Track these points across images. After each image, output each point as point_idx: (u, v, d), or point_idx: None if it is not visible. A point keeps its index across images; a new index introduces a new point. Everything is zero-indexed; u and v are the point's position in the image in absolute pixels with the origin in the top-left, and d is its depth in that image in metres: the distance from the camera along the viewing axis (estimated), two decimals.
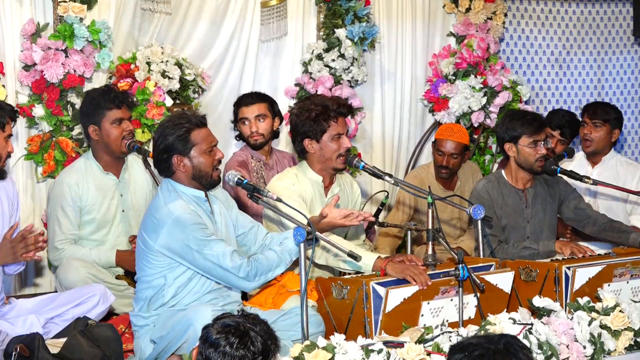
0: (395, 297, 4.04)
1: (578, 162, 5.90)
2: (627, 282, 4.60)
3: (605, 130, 5.79)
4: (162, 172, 4.08)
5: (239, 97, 5.61)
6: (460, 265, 4.05)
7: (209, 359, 2.84)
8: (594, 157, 5.87)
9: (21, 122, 5.44)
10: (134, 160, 5.12)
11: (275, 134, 5.59)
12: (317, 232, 3.94)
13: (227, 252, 3.92)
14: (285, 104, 6.13)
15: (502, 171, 5.22)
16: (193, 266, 3.97)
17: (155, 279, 4.02)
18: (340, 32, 6.23)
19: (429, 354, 3.68)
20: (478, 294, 4.21)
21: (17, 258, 4.06)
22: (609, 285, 4.50)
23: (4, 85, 5.31)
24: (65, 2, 5.37)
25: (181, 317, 3.82)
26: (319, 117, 4.55)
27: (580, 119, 5.96)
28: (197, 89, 5.87)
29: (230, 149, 6.04)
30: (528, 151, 5.03)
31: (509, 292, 4.40)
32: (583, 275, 4.46)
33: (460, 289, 4.08)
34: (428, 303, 4.13)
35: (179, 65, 5.74)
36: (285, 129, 5.95)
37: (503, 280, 4.37)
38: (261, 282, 4.00)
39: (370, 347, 3.63)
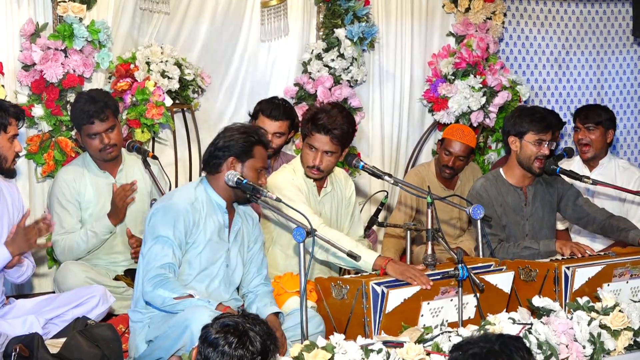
0: (396, 297, 4.04)
1: (576, 166, 5.88)
2: (627, 282, 4.60)
3: (599, 132, 5.77)
4: (208, 167, 4.12)
5: (267, 101, 5.38)
6: (460, 265, 4.05)
7: (208, 358, 2.84)
8: (591, 161, 5.85)
9: None
10: (132, 161, 5.11)
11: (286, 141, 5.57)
12: (317, 232, 3.95)
13: (166, 260, 3.92)
14: None
15: (501, 169, 5.22)
16: (142, 252, 4.01)
17: None
18: (340, 32, 6.23)
19: (428, 353, 3.68)
20: (478, 294, 4.21)
21: (31, 245, 4.10)
22: (608, 285, 4.50)
23: (3, 85, 5.31)
24: (65, 2, 5.37)
25: (178, 318, 3.82)
26: (307, 122, 4.58)
27: (573, 125, 5.95)
28: (196, 89, 5.87)
29: None
30: (531, 148, 5.04)
31: (509, 292, 4.40)
32: (583, 275, 4.46)
33: (460, 288, 4.08)
34: (428, 303, 4.13)
35: (178, 65, 5.74)
36: None
37: (503, 280, 4.37)
38: (159, 298, 3.87)
39: (369, 347, 3.63)
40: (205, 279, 4.09)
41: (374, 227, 5.59)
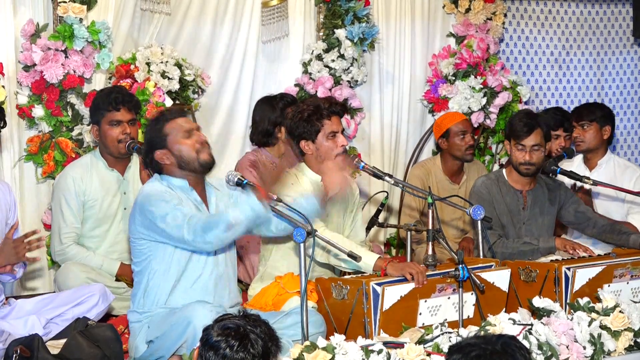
0: (392, 294, 4.05)
1: (576, 168, 5.88)
2: (627, 283, 4.60)
3: (594, 129, 5.77)
4: (155, 172, 4.12)
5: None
6: (460, 265, 4.05)
7: None
8: (590, 161, 5.83)
9: (21, 122, 5.44)
10: (138, 160, 5.12)
11: None
12: (317, 233, 3.94)
13: (184, 219, 3.86)
14: None
15: (503, 170, 5.24)
16: (165, 238, 3.94)
17: (142, 267, 4.05)
18: (340, 33, 6.23)
19: (428, 354, 3.68)
20: (477, 293, 4.21)
21: (19, 258, 4.07)
22: (609, 285, 4.50)
23: (3, 86, 5.31)
24: (65, 2, 5.37)
25: (179, 316, 3.82)
26: (311, 117, 4.53)
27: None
28: (196, 90, 5.87)
29: (229, 148, 6.08)
30: (514, 153, 5.07)
31: (507, 291, 4.40)
32: (583, 275, 4.47)
33: (460, 289, 4.08)
34: (425, 301, 4.13)
35: (178, 65, 5.74)
36: None
37: (500, 278, 4.37)
38: (214, 235, 3.81)
39: (370, 348, 3.63)
40: None
41: (374, 236, 5.58)
